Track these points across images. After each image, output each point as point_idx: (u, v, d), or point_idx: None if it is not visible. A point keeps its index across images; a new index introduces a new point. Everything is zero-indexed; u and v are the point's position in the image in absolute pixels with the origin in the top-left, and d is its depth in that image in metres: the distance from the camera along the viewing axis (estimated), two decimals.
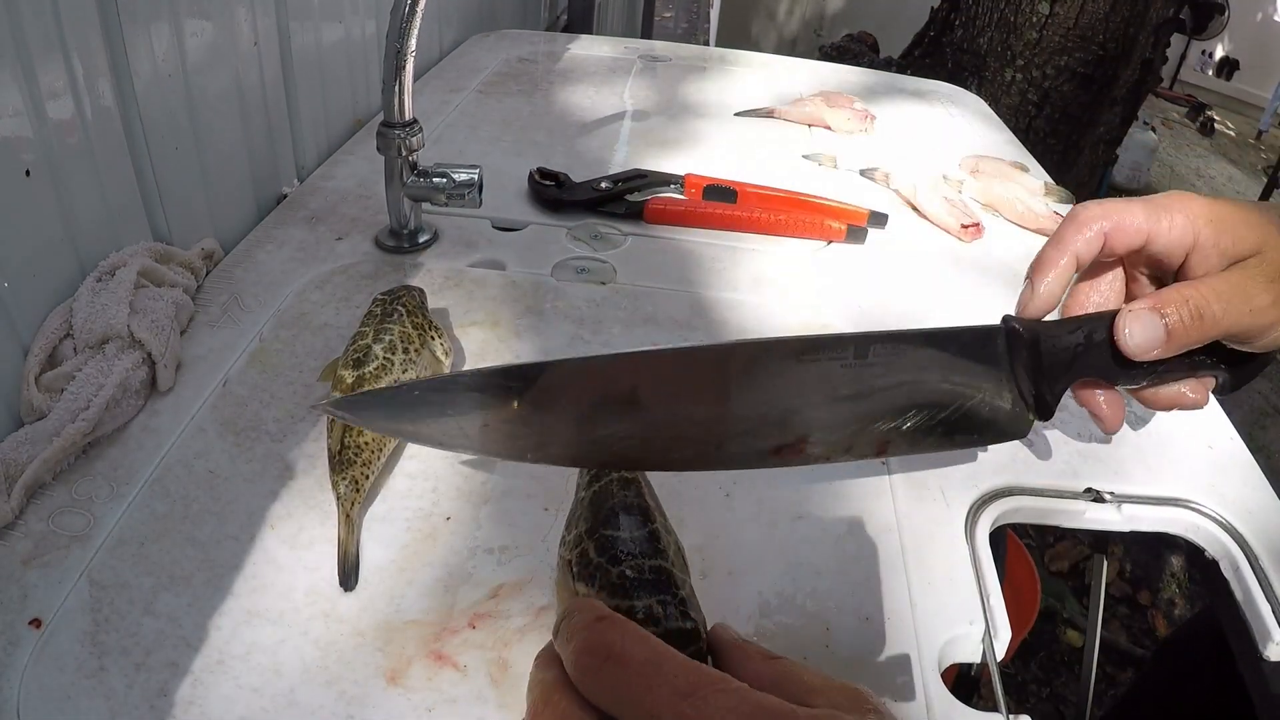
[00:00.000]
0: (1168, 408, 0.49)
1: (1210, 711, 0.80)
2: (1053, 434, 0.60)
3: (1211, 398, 0.58)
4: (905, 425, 0.43)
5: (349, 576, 0.45)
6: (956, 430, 0.45)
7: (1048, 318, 0.47)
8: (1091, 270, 0.49)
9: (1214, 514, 0.55)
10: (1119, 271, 0.50)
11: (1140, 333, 0.43)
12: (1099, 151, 2.60)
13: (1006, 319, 0.46)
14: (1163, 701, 0.93)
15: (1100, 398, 0.48)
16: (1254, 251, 0.43)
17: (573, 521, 0.42)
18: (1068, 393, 0.47)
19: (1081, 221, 0.45)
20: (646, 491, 0.42)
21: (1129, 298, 0.49)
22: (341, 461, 0.49)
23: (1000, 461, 0.57)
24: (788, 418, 0.41)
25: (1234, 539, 0.54)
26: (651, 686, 0.28)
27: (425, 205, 0.74)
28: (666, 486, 0.52)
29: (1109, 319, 0.44)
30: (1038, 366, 0.44)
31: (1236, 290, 0.43)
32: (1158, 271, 0.48)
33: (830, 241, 0.81)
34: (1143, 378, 0.47)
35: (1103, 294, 0.50)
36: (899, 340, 0.42)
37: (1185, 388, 0.48)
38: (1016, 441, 0.59)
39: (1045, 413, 0.45)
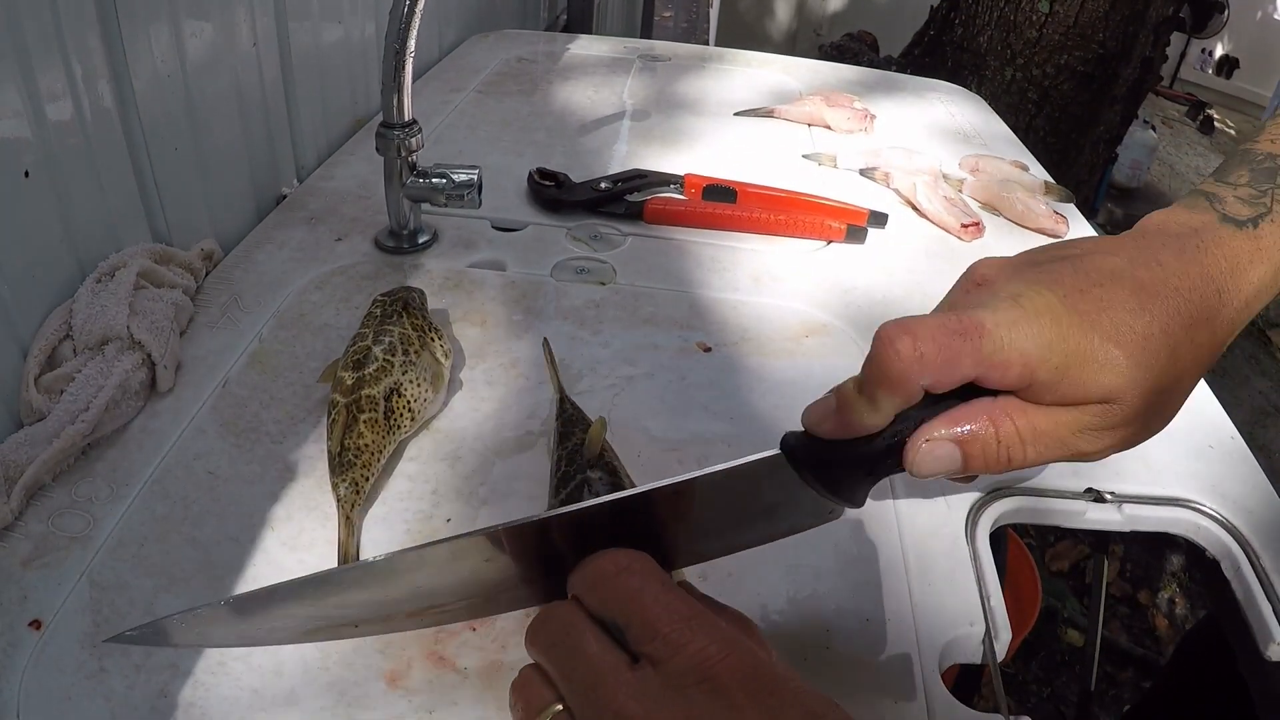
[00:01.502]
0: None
1: (1210, 710, 0.80)
2: None
3: (1212, 398, 0.57)
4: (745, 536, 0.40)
5: None
6: (782, 529, 0.40)
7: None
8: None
9: (1215, 514, 0.55)
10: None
11: (933, 464, 0.36)
12: (1099, 150, 2.60)
13: (787, 439, 0.38)
14: (1162, 699, 0.93)
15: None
16: (1103, 399, 0.36)
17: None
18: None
19: (896, 381, 0.35)
20: (625, 483, 0.42)
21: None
22: (342, 463, 0.49)
23: None
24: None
25: (1235, 539, 0.54)
26: (657, 601, 0.31)
27: (425, 206, 0.74)
28: None
29: (906, 432, 0.37)
30: (834, 480, 0.38)
31: (1057, 441, 0.36)
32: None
33: (830, 241, 0.81)
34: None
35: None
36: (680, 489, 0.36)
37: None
38: None
39: (858, 501, 0.39)
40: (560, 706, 0.30)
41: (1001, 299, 0.36)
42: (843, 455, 0.37)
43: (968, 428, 0.35)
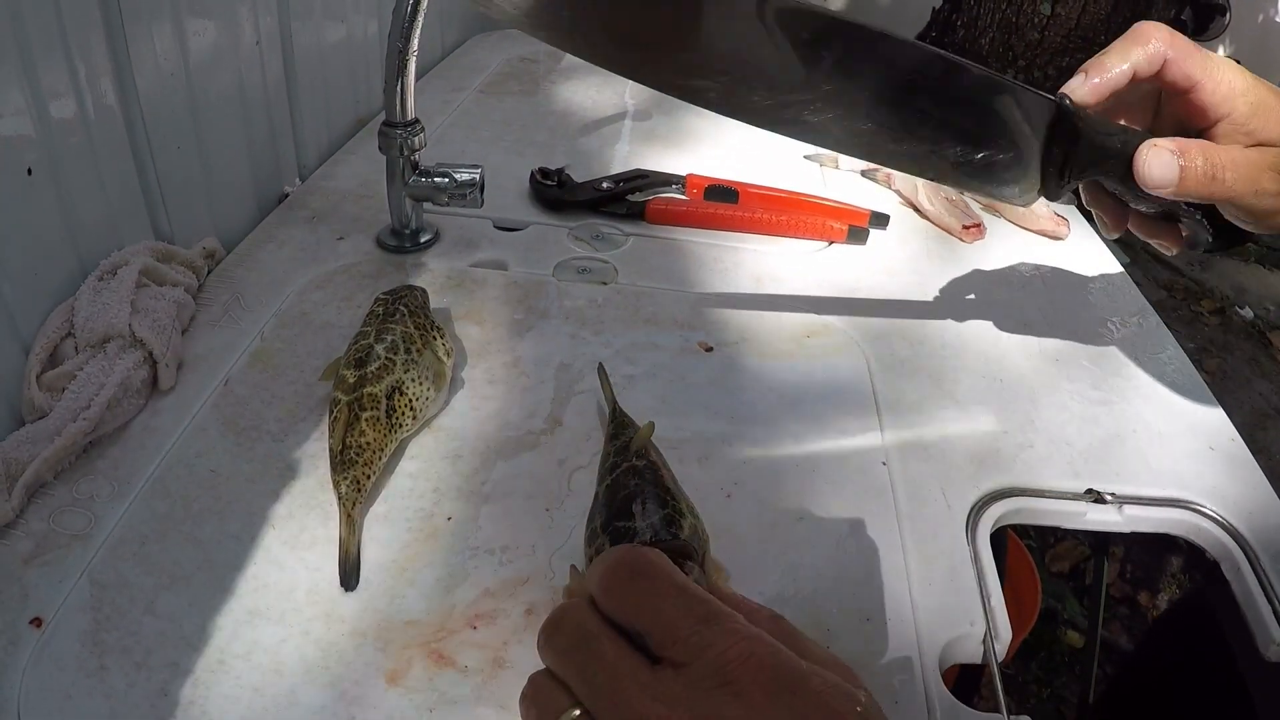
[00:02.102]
0: (1148, 238, 0.54)
1: (1210, 710, 0.80)
2: (1054, 435, 0.60)
3: (1212, 399, 0.58)
4: (935, 150, 0.48)
5: (350, 576, 0.45)
6: (972, 175, 0.49)
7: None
8: (1128, 94, 0.49)
9: (1215, 515, 0.55)
10: (1150, 103, 0.51)
11: (1158, 168, 0.46)
12: None
13: (1062, 96, 0.48)
14: (1162, 700, 0.93)
15: (1107, 202, 0.53)
16: (1272, 137, 0.47)
17: (592, 516, 0.44)
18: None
19: (1144, 37, 0.47)
20: (666, 476, 0.44)
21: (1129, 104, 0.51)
22: (343, 461, 0.49)
23: (1001, 462, 0.57)
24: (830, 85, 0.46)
25: (1235, 540, 0.54)
26: (674, 605, 0.30)
27: (427, 205, 0.74)
28: None
29: (1140, 139, 0.47)
30: (1071, 149, 0.49)
31: (1251, 168, 0.46)
32: (1185, 121, 0.49)
33: (831, 242, 0.81)
34: (1146, 203, 0.50)
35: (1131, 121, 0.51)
36: (965, 69, 0.47)
37: (1168, 232, 0.53)
38: (1017, 442, 0.59)
39: (1052, 193, 0.50)
40: (578, 712, 0.30)
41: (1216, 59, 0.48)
42: (1090, 132, 0.48)
43: (1184, 143, 0.46)
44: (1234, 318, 3.02)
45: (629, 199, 0.83)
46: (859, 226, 0.81)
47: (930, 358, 0.66)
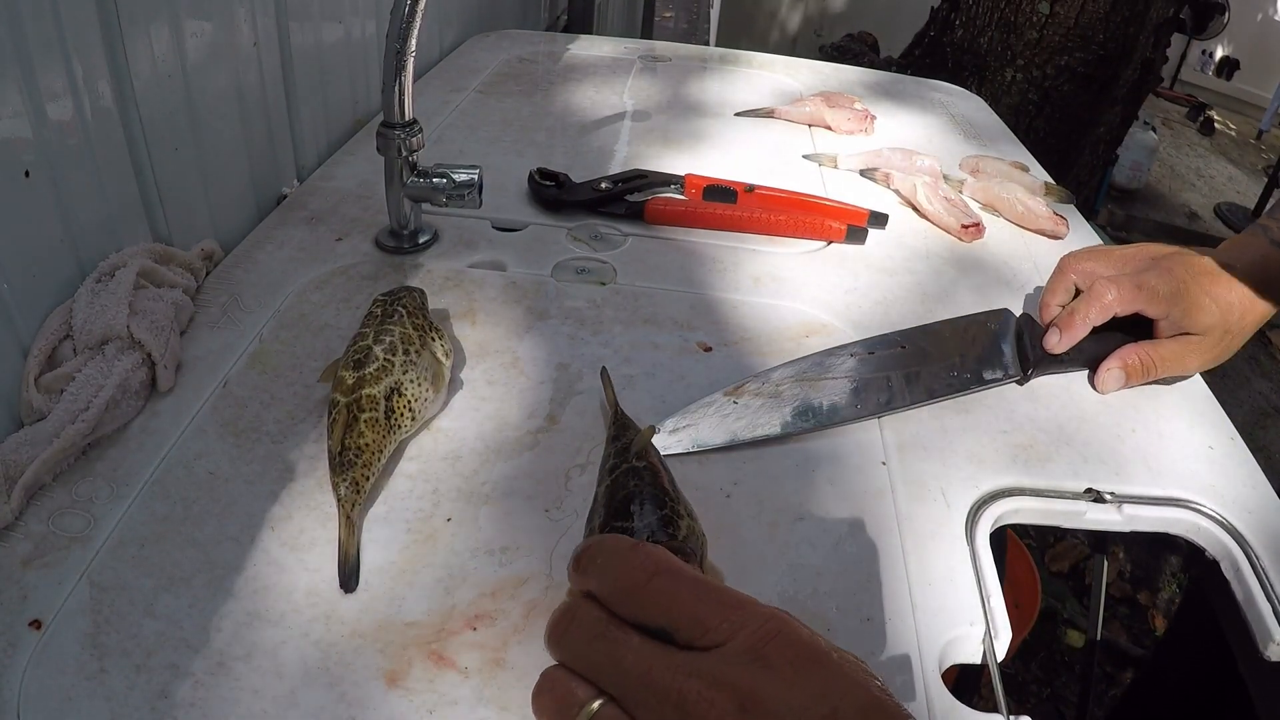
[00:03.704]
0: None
1: (1211, 711, 0.80)
2: (1053, 434, 0.60)
3: (1212, 399, 0.58)
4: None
5: (350, 578, 0.45)
6: (970, 385, 0.63)
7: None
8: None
9: (1214, 514, 0.55)
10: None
11: (1111, 383, 0.64)
12: (1099, 151, 2.60)
13: (1024, 316, 0.68)
14: (1164, 702, 0.93)
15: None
16: (1202, 331, 0.62)
17: (591, 516, 0.44)
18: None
19: (1101, 296, 0.63)
20: (664, 479, 0.44)
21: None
22: (342, 463, 0.49)
23: (1001, 462, 0.57)
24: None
25: (1234, 539, 0.54)
26: (701, 597, 0.32)
27: (425, 206, 0.74)
28: None
29: (1092, 356, 0.65)
30: (1031, 357, 0.65)
31: (1179, 357, 0.63)
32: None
33: (830, 242, 0.81)
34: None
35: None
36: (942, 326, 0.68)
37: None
38: (1017, 441, 0.59)
39: (1028, 377, 0.65)
40: (597, 704, 0.31)
41: (1160, 271, 0.63)
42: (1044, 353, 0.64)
43: (1130, 359, 0.63)
44: None
45: (628, 199, 0.83)
46: (858, 226, 0.81)
47: None
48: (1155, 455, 0.59)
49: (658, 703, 0.30)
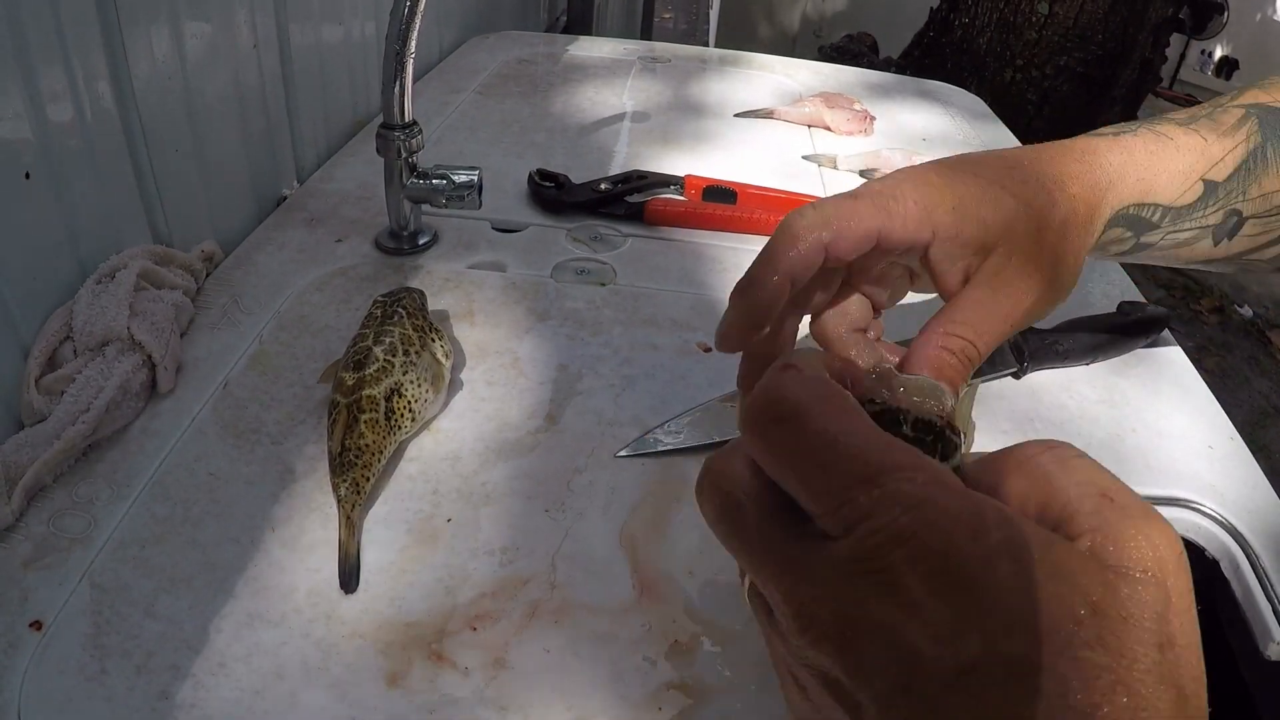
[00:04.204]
0: None
1: (1211, 712, 0.80)
2: (1053, 434, 0.60)
3: (1212, 398, 0.58)
4: None
5: (350, 579, 0.45)
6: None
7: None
8: (824, 286, 0.40)
9: (1214, 514, 0.55)
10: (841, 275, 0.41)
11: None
12: None
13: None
14: None
15: None
16: (1001, 240, 0.37)
17: None
18: None
19: (795, 235, 0.36)
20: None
21: (872, 282, 0.42)
22: (342, 464, 0.49)
23: None
24: None
25: (1234, 539, 0.54)
26: (826, 463, 0.24)
27: (425, 207, 0.74)
28: (668, 486, 0.52)
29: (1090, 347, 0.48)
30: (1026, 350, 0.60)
31: (991, 314, 0.37)
32: (897, 262, 0.40)
33: None
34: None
35: (850, 318, 0.41)
36: None
37: None
38: (1017, 441, 0.58)
39: (1020, 372, 0.59)
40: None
41: (891, 176, 0.38)
42: None
43: (939, 355, 0.36)
44: (1233, 316, 3.02)
45: (627, 200, 0.83)
46: None
47: None
48: (1155, 454, 0.59)
49: (778, 606, 0.25)
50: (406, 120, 0.69)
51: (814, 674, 0.25)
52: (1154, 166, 0.42)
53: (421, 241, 0.75)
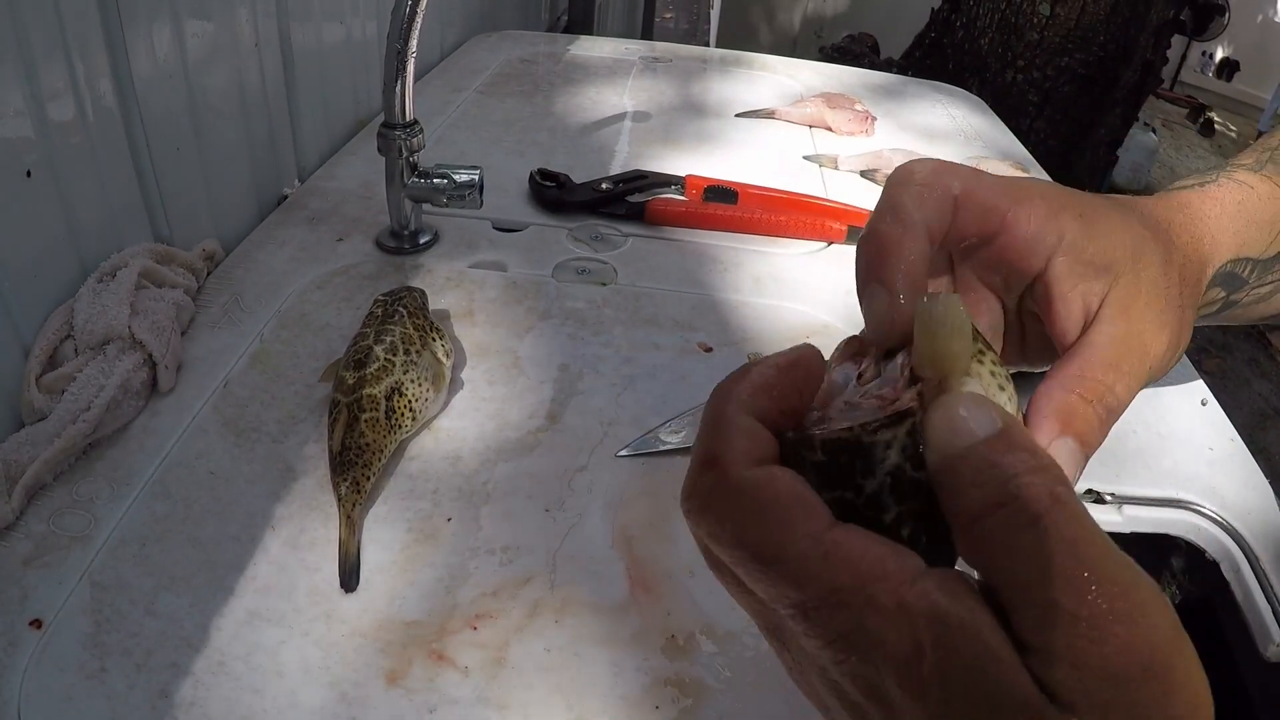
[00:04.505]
0: None
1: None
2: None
3: (1212, 399, 0.58)
4: None
5: (350, 577, 0.45)
6: None
7: None
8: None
9: (1214, 515, 0.55)
10: (945, 277, 0.35)
11: (1072, 469, 0.30)
12: (1099, 152, 2.60)
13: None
14: None
15: None
16: (1129, 265, 0.32)
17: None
18: None
19: (922, 181, 0.31)
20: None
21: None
22: (343, 463, 0.49)
23: None
24: None
25: (1234, 540, 0.54)
26: (771, 583, 0.23)
27: (426, 206, 0.74)
28: (669, 486, 0.52)
29: None
30: None
31: (1130, 350, 0.31)
32: (1007, 278, 0.34)
33: (831, 243, 0.81)
34: None
35: None
36: None
37: None
38: None
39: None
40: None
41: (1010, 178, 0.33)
42: None
43: (1074, 404, 0.30)
44: None
45: (628, 200, 0.83)
46: (858, 227, 0.81)
47: None
48: (1155, 456, 0.59)
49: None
50: (408, 119, 0.69)
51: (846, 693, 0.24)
52: (1244, 218, 0.39)
53: (422, 241, 0.75)
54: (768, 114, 1.10)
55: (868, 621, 0.22)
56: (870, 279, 0.29)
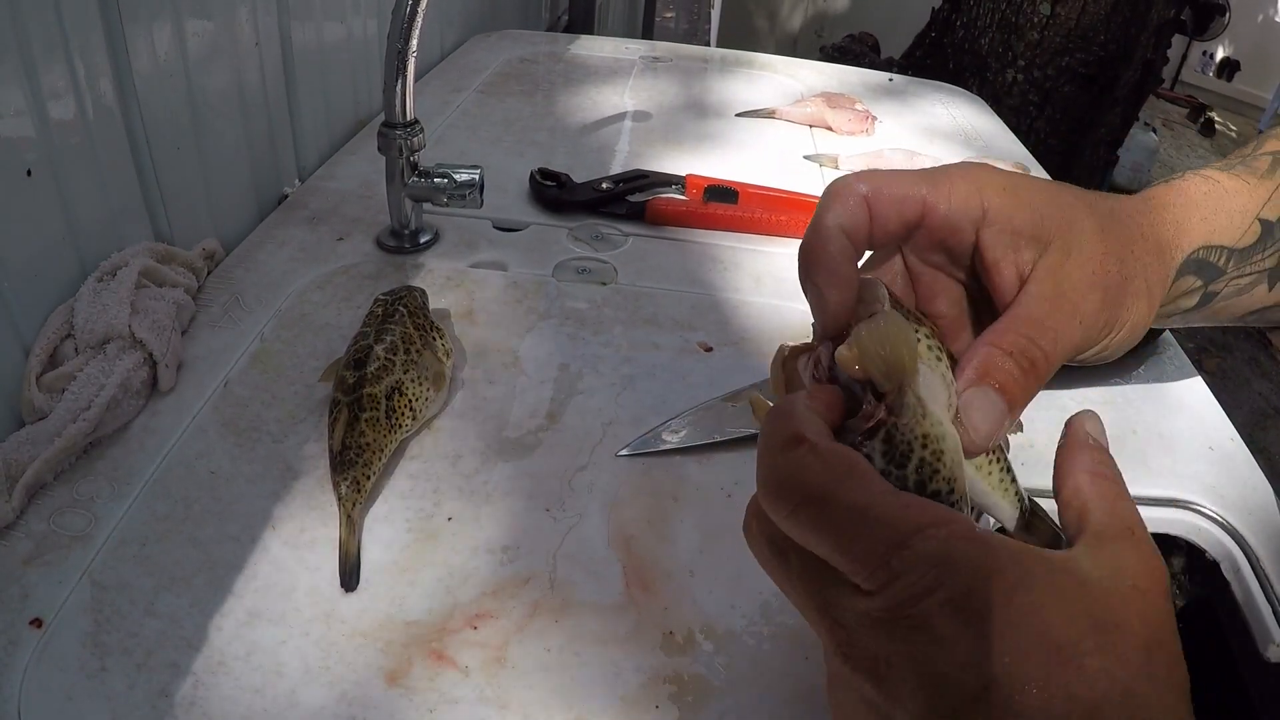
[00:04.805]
0: None
1: (1211, 712, 0.80)
2: (1053, 435, 0.60)
3: (1212, 399, 0.58)
4: None
5: (350, 577, 0.45)
6: None
7: None
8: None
9: (1215, 515, 0.55)
10: (898, 266, 0.38)
11: (985, 420, 0.33)
12: (1100, 152, 2.60)
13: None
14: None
15: None
16: (1059, 233, 0.34)
17: None
18: None
19: (833, 192, 0.35)
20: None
21: (921, 301, 0.39)
22: (343, 462, 0.49)
23: None
24: None
25: (1235, 540, 0.54)
26: (856, 535, 0.27)
27: (426, 205, 0.74)
28: (669, 486, 0.52)
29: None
30: None
31: (1057, 308, 0.34)
32: (949, 258, 0.37)
33: None
34: None
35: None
36: None
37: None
38: (1017, 441, 0.58)
39: None
40: None
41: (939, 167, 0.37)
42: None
43: (979, 363, 0.33)
44: None
45: (629, 199, 0.83)
46: None
47: None
48: (1155, 456, 0.59)
49: (822, 636, 0.28)
50: (408, 119, 0.69)
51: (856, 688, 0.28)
52: (1212, 207, 0.41)
53: (423, 240, 0.75)
54: (768, 113, 1.09)
55: (953, 550, 0.26)
56: (803, 283, 0.35)
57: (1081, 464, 0.33)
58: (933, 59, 2.64)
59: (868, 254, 0.38)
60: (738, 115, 1.09)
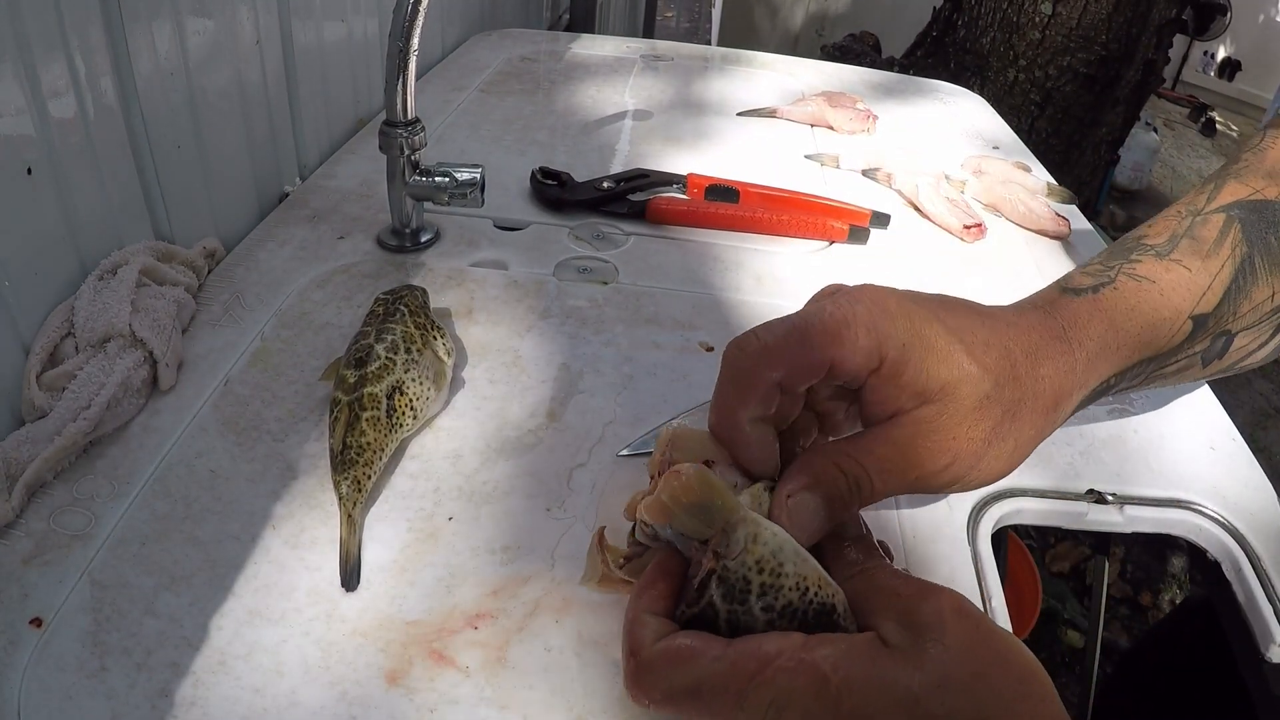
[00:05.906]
0: None
1: (1211, 712, 0.80)
2: (1055, 435, 0.60)
3: (1213, 399, 0.57)
4: None
5: (351, 577, 0.45)
6: None
7: None
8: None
9: (1216, 515, 0.55)
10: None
11: (803, 518, 0.37)
12: (1101, 152, 2.60)
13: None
14: (1164, 703, 0.93)
15: None
16: (939, 397, 0.37)
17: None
18: None
19: (749, 383, 0.38)
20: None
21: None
22: (344, 461, 0.49)
23: None
24: None
25: (1236, 540, 0.54)
26: (706, 711, 0.33)
27: (427, 204, 0.74)
28: None
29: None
30: None
31: (898, 460, 0.37)
32: (838, 388, 0.41)
33: (832, 242, 0.81)
34: None
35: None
36: None
37: None
38: None
39: None
40: None
41: (847, 296, 0.39)
42: None
43: (825, 469, 0.37)
44: None
45: (630, 198, 0.83)
46: (860, 226, 0.81)
47: None
48: (1156, 456, 0.59)
49: None
50: (409, 117, 0.69)
51: None
52: (1138, 323, 0.42)
53: (423, 239, 0.75)
54: (769, 113, 1.09)
55: (780, 685, 0.31)
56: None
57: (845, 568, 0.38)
58: (934, 58, 2.64)
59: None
60: (739, 114, 1.09)
